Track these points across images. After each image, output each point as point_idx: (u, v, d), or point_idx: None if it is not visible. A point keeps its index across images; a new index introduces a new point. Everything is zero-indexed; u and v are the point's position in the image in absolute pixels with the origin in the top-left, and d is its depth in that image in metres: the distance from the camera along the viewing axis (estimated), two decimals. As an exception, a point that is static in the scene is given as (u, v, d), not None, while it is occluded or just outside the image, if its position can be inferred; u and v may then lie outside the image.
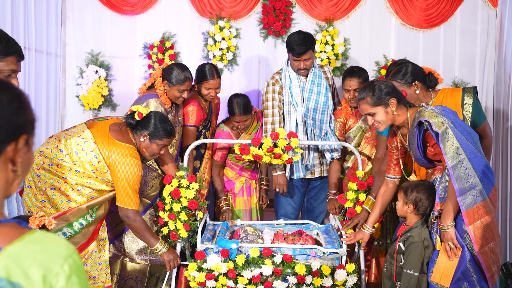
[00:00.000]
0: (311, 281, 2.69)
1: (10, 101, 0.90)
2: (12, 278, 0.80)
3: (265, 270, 2.71)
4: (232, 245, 2.74)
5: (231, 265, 2.71)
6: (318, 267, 2.70)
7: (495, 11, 4.34)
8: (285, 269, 2.71)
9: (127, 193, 2.66)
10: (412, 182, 2.63)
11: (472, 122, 2.75)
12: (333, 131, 3.46)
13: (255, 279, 2.70)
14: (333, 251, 2.75)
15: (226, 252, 2.73)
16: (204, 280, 2.72)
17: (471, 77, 4.39)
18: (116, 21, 4.29)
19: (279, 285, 2.70)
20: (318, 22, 4.36)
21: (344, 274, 2.70)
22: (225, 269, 2.71)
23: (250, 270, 2.71)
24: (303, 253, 2.76)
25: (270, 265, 2.70)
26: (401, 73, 2.78)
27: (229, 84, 4.31)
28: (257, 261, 2.72)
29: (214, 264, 2.71)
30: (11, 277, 0.80)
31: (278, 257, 2.72)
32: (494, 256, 2.35)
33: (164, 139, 2.78)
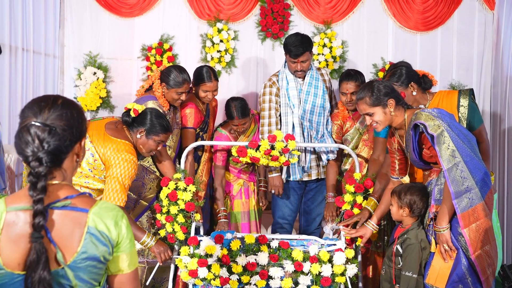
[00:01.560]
0: (309, 268, 2.63)
1: (78, 114, 1.33)
2: (97, 227, 1.28)
3: (261, 258, 2.62)
4: (227, 235, 2.70)
5: (225, 251, 2.63)
6: (316, 252, 2.64)
7: (492, 14, 4.36)
8: (282, 256, 2.63)
9: (114, 188, 2.58)
10: (404, 185, 2.64)
11: (468, 124, 2.76)
12: (329, 133, 3.47)
13: (250, 267, 2.62)
14: (331, 243, 2.73)
15: (221, 238, 2.65)
16: (196, 267, 2.61)
17: (468, 80, 4.40)
18: (114, 23, 4.30)
19: (275, 272, 2.62)
20: (316, 24, 4.37)
21: (343, 258, 2.63)
22: (219, 253, 2.60)
23: (245, 256, 2.62)
24: (300, 244, 2.72)
25: (266, 250, 2.63)
26: (396, 75, 2.80)
27: (227, 86, 4.32)
28: (253, 248, 2.65)
29: (207, 245, 2.60)
30: (97, 227, 1.28)
31: (274, 242, 2.65)
32: (489, 259, 2.35)
33: (161, 135, 2.77)
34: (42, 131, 1.25)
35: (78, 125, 1.32)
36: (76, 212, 1.27)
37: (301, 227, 3.66)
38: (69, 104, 1.32)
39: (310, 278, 2.65)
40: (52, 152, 1.25)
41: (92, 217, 1.27)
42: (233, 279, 2.65)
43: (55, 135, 1.26)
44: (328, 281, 2.66)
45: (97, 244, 1.26)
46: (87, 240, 1.26)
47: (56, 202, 1.26)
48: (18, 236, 1.23)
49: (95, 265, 1.27)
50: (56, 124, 1.27)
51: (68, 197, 1.28)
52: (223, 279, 2.65)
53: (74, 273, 1.25)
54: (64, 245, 1.24)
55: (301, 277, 2.64)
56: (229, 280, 2.66)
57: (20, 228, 1.23)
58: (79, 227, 1.26)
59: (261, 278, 2.62)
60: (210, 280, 2.66)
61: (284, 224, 3.53)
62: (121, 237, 1.31)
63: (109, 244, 1.29)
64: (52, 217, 1.25)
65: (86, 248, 1.25)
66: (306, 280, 2.65)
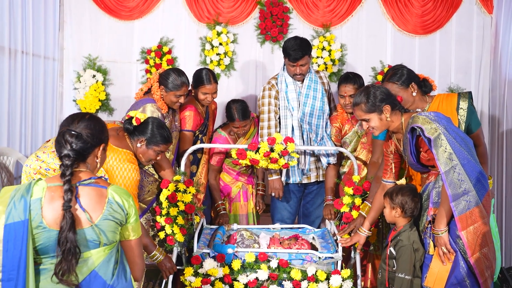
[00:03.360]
0: (307, 286, 2.70)
1: (99, 127, 1.84)
2: (115, 199, 1.76)
3: (260, 274, 2.71)
4: (228, 250, 2.75)
5: (227, 270, 2.72)
6: (313, 272, 2.71)
7: (490, 18, 4.38)
8: (281, 274, 2.71)
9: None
10: (395, 187, 2.67)
11: (466, 127, 2.77)
12: (329, 136, 3.47)
13: (251, 284, 2.71)
14: (329, 256, 2.76)
15: (222, 257, 2.73)
16: (200, 285, 2.72)
17: (466, 83, 4.42)
18: (114, 26, 4.31)
19: None
20: (315, 27, 4.39)
21: (340, 280, 2.71)
22: (221, 274, 2.72)
23: (246, 275, 2.71)
24: (298, 257, 2.76)
25: (266, 269, 2.71)
26: (397, 75, 2.80)
27: (226, 89, 4.32)
28: (253, 265, 2.72)
29: (210, 268, 2.72)
30: (115, 198, 1.76)
31: (274, 262, 2.73)
32: (487, 261, 2.36)
33: (161, 145, 2.79)
34: (71, 136, 1.76)
35: (98, 134, 1.82)
36: (99, 188, 1.77)
37: (300, 230, 3.67)
38: (94, 118, 1.85)
39: None
40: (77, 151, 1.76)
41: (111, 192, 1.78)
42: None
43: (80, 139, 1.76)
44: (325, 298, 2.72)
45: (115, 210, 1.76)
46: (108, 207, 1.75)
47: (83, 181, 1.76)
48: (55, 204, 1.70)
49: (113, 225, 1.75)
50: (82, 132, 1.78)
51: (92, 178, 1.77)
52: None
53: (99, 229, 1.72)
54: (91, 210, 1.73)
55: None
56: None
57: (56, 199, 1.71)
58: (102, 198, 1.75)
59: None
60: None
61: (283, 227, 3.54)
62: (130, 210, 1.80)
63: (122, 212, 1.78)
64: (82, 191, 1.74)
65: (107, 212, 1.74)
66: None
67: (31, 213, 1.67)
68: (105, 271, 1.74)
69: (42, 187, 1.72)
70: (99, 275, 1.74)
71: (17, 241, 1.64)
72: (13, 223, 1.65)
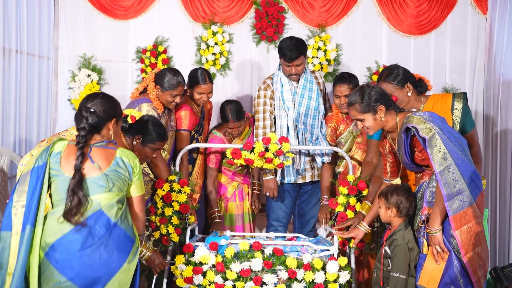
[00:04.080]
0: (303, 276, 2.65)
1: (111, 104, 2.20)
2: (122, 158, 2.13)
3: (254, 264, 2.65)
4: (221, 241, 2.71)
5: (220, 258, 2.67)
6: (309, 260, 2.67)
7: (485, 19, 4.39)
8: (276, 262, 2.66)
9: None
10: (389, 187, 2.67)
11: (461, 128, 2.78)
12: (324, 135, 3.48)
13: (244, 273, 2.64)
14: (325, 249, 2.74)
15: (215, 245, 2.68)
16: (191, 274, 2.66)
17: (461, 84, 4.43)
18: (109, 25, 4.29)
19: (269, 279, 2.64)
20: (310, 27, 4.39)
21: (337, 266, 2.66)
22: (213, 261, 2.65)
23: (239, 263, 2.66)
24: (294, 250, 2.73)
25: (260, 257, 2.66)
26: (393, 75, 2.81)
27: (222, 89, 4.32)
28: (247, 254, 2.67)
29: (202, 255, 2.65)
30: (122, 157, 2.13)
31: (268, 249, 2.68)
32: (480, 260, 2.37)
33: (157, 143, 2.79)
34: (86, 111, 2.13)
35: (110, 110, 2.17)
36: (109, 149, 2.14)
37: (295, 230, 3.67)
38: (106, 97, 2.21)
39: (304, 285, 2.68)
40: (92, 125, 2.12)
41: (119, 152, 2.15)
42: (228, 285, 2.68)
43: (94, 114, 2.13)
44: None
45: (121, 167, 2.12)
46: (115, 162, 2.12)
47: (97, 143, 2.14)
48: (72, 158, 2.09)
49: (120, 176, 2.11)
50: (96, 108, 2.14)
51: (104, 141, 2.16)
52: (218, 285, 2.68)
53: (107, 177, 2.08)
54: (101, 164, 2.10)
55: (295, 284, 2.68)
56: (224, 286, 2.68)
57: (72, 155, 2.09)
58: (111, 156, 2.13)
59: (255, 284, 2.65)
60: (205, 286, 2.69)
61: (278, 227, 3.54)
62: (135, 168, 2.16)
63: (127, 170, 2.13)
64: (94, 151, 2.11)
65: (114, 165, 2.11)
66: (299, 287, 2.68)
67: (51, 162, 2.09)
68: (109, 211, 2.06)
69: (63, 144, 2.14)
70: (104, 213, 2.05)
71: (33, 180, 2.05)
72: (37, 166, 2.08)
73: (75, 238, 2.00)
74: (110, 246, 2.02)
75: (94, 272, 2.00)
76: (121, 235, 2.06)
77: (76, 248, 1.99)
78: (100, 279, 2.02)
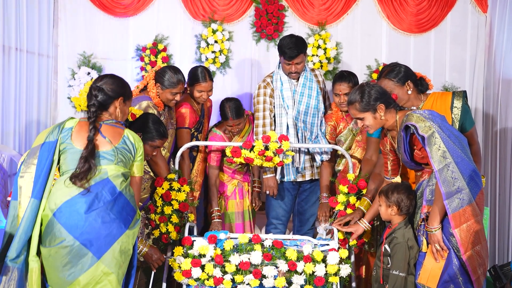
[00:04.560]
0: (303, 268, 2.64)
1: (118, 83, 2.43)
2: (129, 136, 2.37)
3: (254, 257, 2.64)
4: (220, 235, 2.70)
5: (219, 251, 2.65)
6: (310, 252, 2.66)
7: (485, 17, 4.40)
8: (276, 255, 2.64)
9: None
10: (390, 185, 2.67)
11: (460, 126, 2.79)
12: (323, 134, 3.48)
13: (243, 266, 2.63)
14: (325, 243, 2.74)
15: (214, 238, 2.67)
16: (190, 267, 2.64)
17: (461, 82, 4.43)
18: (109, 23, 4.29)
19: (268, 271, 2.63)
20: (310, 26, 4.39)
21: (337, 258, 2.66)
22: (212, 253, 2.64)
23: (239, 255, 2.64)
24: (293, 244, 2.73)
25: (260, 250, 2.65)
26: (394, 72, 2.81)
27: (222, 87, 4.32)
28: (246, 247, 2.66)
29: (200, 246, 2.63)
30: (129, 136, 2.37)
31: (268, 241, 2.67)
32: (480, 259, 2.38)
33: (157, 141, 2.79)
34: (95, 89, 2.35)
35: (117, 89, 2.39)
36: (118, 128, 2.36)
37: (295, 228, 3.68)
38: (115, 77, 2.45)
39: (304, 278, 2.66)
40: (100, 102, 2.35)
41: (127, 131, 2.37)
42: (226, 279, 2.66)
43: (102, 92, 2.35)
44: (321, 281, 2.67)
45: (127, 145, 2.34)
46: (123, 139, 2.34)
47: (106, 121, 2.35)
48: (82, 133, 2.29)
49: (127, 153, 2.33)
50: (104, 87, 2.36)
51: (113, 120, 2.37)
52: (217, 279, 2.66)
53: (117, 151, 2.29)
54: (113, 139, 2.31)
55: (295, 276, 2.65)
56: (222, 280, 2.67)
57: (83, 130, 2.29)
58: (120, 134, 2.35)
59: (254, 277, 2.63)
60: (203, 280, 2.67)
61: (278, 225, 3.54)
62: (139, 149, 2.38)
63: (133, 149, 2.36)
64: (104, 127, 2.32)
65: (123, 142, 2.33)
66: (299, 280, 2.66)
67: (62, 137, 2.27)
68: (115, 181, 2.25)
69: (75, 121, 2.34)
70: (111, 181, 2.24)
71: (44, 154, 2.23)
72: (48, 141, 2.25)
73: (82, 200, 2.17)
74: (114, 212, 2.20)
75: (98, 234, 2.16)
76: (124, 204, 2.25)
77: (83, 210, 2.16)
78: (104, 241, 2.16)
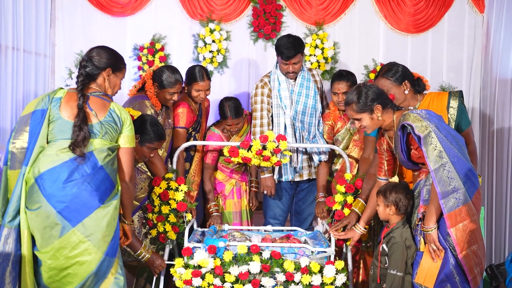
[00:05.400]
0: (300, 278, 2.68)
1: (106, 53, 2.46)
2: (115, 110, 2.38)
3: (252, 267, 2.67)
4: (219, 243, 2.72)
5: (218, 262, 2.68)
6: (307, 264, 2.69)
7: (482, 17, 4.41)
8: (274, 266, 2.68)
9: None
10: (388, 184, 2.68)
11: (456, 126, 2.79)
12: (321, 134, 3.49)
13: (242, 277, 2.67)
14: (322, 250, 2.76)
15: (214, 249, 2.69)
16: (190, 277, 2.68)
17: (458, 82, 4.45)
18: (106, 22, 4.28)
19: (267, 282, 2.66)
20: (308, 25, 4.39)
21: (333, 270, 2.68)
22: (212, 265, 2.67)
23: (238, 267, 2.68)
24: (291, 251, 2.75)
25: (258, 261, 2.68)
26: (392, 71, 2.81)
27: (219, 86, 4.32)
28: (245, 257, 2.69)
29: (201, 259, 2.67)
30: (115, 109, 2.38)
31: (266, 252, 2.70)
32: (476, 258, 2.38)
33: (155, 143, 2.79)
34: (83, 60, 2.43)
35: (105, 60, 2.42)
36: (104, 100, 2.39)
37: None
38: (105, 48, 2.48)
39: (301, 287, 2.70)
40: (88, 72, 2.39)
41: (113, 104, 2.39)
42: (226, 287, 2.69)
43: (90, 62, 2.41)
44: (318, 289, 2.71)
45: (113, 118, 2.36)
46: (109, 113, 2.35)
47: (94, 92, 2.38)
48: (70, 103, 2.33)
49: (113, 126, 2.34)
50: (92, 57, 2.41)
51: (100, 92, 2.40)
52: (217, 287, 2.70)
53: (102, 125, 2.32)
54: (98, 112, 2.34)
55: (292, 286, 2.70)
56: None
57: (72, 100, 2.34)
58: (106, 107, 2.37)
59: (253, 286, 2.68)
60: None
61: (275, 224, 3.55)
62: (125, 121, 2.38)
63: (119, 121, 2.37)
64: (91, 99, 2.35)
65: (108, 115, 2.35)
66: None
67: (51, 107, 2.31)
68: (98, 155, 2.29)
69: (64, 91, 2.38)
70: (94, 155, 2.28)
71: (35, 122, 2.29)
72: (38, 110, 2.31)
73: (62, 170, 2.23)
74: (92, 184, 2.25)
75: (73, 203, 2.22)
76: (104, 177, 2.29)
77: (62, 179, 2.22)
78: (79, 211, 2.23)
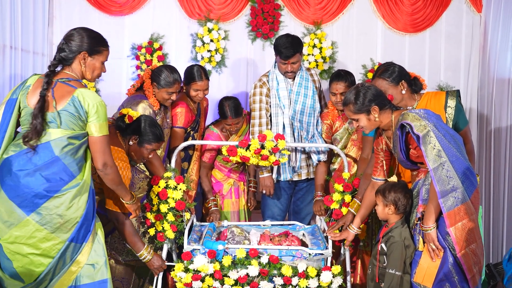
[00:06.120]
0: (297, 282, 2.72)
1: (81, 38, 2.37)
2: (78, 98, 2.25)
3: (251, 270, 2.72)
4: (218, 246, 2.75)
5: (218, 266, 2.72)
6: (304, 269, 2.73)
7: (480, 17, 4.42)
8: (271, 270, 2.73)
9: (116, 197, 2.65)
10: (387, 184, 2.69)
11: (454, 125, 2.80)
12: (319, 133, 3.49)
13: (241, 280, 2.72)
14: (319, 253, 2.78)
15: (213, 253, 2.74)
16: (190, 281, 2.73)
17: (455, 81, 4.46)
18: (104, 21, 4.27)
19: (265, 285, 2.72)
20: (306, 25, 4.40)
21: (330, 276, 2.73)
22: (211, 270, 2.73)
23: (237, 271, 2.72)
24: (289, 254, 2.78)
25: (257, 265, 2.72)
26: (389, 71, 2.82)
27: (217, 86, 4.32)
28: (243, 261, 2.74)
29: (200, 265, 2.72)
30: (78, 97, 2.25)
31: (264, 257, 2.74)
32: (475, 257, 2.39)
33: (153, 144, 2.79)
34: (61, 43, 2.36)
35: (78, 43, 2.35)
36: (70, 87, 2.28)
37: (291, 227, 3.69)
38: (81, 30, 2.39)
39: None
40: (62, 57, 2.34)
41: (77, 92, 2.27)
42: None
43: (66, 45, 2.34)
44: (315, 292, 2.75)
45: (75, 106, 2.26)
46: (70, 102, 2.25)
47: (61, 79, 2.30)
48: (38, 90, 2.27)
49: (73, 115, 2.26)
50: (70, 41, 2.34)
51: (69, 79, 2.31)
52: None
53: (60, 117, 2.25)
54: (59, 101, 2.25)
55: None
56: None
57: (39, 87, 2.27)
58: (69, 94, 2.27)
59: None
60: None
61: (274, 224, 3.55)
62: (91, 109, 2.27)
63: (80, 109, 2.26)
64: (57, 86, 2.27)
65: (68, 105, 2.25)
66: None
67: (21, 95, 2.31)
68: (56, 145, 2.24)
69: (35, 78, 2.34)
70: (51, 146, 2.24)
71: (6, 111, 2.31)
72: (10, 99, 2.32)
73: (16, 160, 2.25)
74: (45, 175, 2.23)
75: (25, 193, 2.22)
76: (60, 168, 2.25)
77: (15, 169, 2.23)
78: (32, 200, 2.22)
